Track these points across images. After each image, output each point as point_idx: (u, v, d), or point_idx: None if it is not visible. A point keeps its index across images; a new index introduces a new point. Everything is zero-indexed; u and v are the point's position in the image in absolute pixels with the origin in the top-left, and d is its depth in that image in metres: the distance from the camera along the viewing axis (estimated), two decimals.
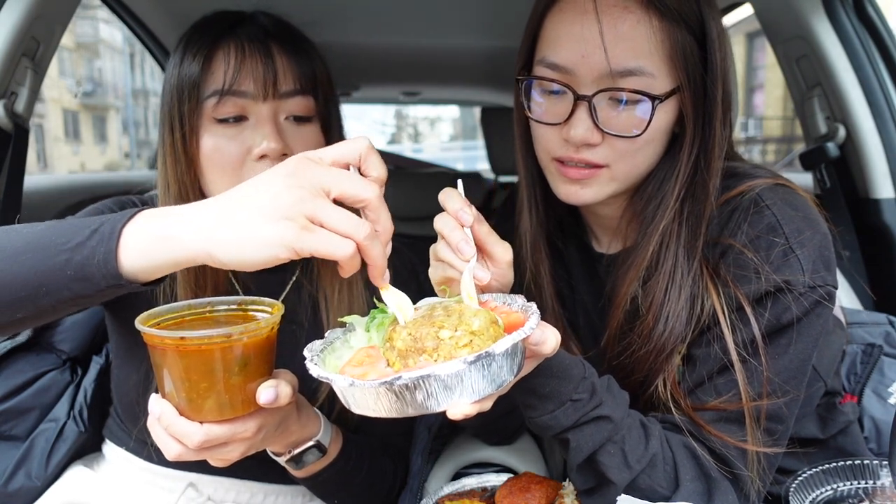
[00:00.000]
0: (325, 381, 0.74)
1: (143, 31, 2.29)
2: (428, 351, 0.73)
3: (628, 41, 0.95)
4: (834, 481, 1.06)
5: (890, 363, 1.39)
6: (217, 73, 1.14)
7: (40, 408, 1.36)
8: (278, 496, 1.30)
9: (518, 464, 1.31)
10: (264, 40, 1.16)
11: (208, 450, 0.89)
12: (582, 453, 0.94)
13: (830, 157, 1.84)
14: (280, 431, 1.00)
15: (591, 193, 1.04)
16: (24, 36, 1.48)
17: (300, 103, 1.18)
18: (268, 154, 1.13)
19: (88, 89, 29.71)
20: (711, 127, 1.00)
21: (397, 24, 2.21)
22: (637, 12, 0.96)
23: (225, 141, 1.15)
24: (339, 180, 0.74)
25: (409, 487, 1.28)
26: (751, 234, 0.99)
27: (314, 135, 1.21)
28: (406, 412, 0.72)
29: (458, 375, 0.70)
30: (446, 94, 4.29)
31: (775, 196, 1.01)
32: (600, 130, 0.99)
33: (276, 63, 1.15)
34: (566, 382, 0.92)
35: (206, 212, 0.76)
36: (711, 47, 0.98)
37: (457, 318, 0.76)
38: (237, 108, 1.15)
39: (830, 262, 0.99)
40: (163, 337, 0.83)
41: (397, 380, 0.68)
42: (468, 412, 0.73)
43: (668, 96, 0.98)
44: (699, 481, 0.97)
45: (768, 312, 0.96)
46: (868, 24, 1.79)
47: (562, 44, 0.99)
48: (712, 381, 0.99)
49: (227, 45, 1.15)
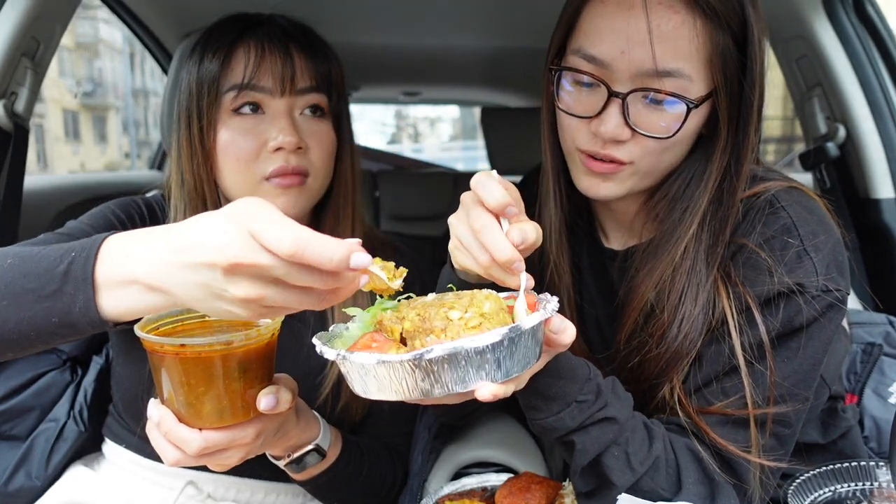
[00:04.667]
0: (345, 362, 0.70)
1: (142, 31, 2.29)
2: (436, 331, 0.70)
3: (671, 41, 0.93)
4: (833, 483, 1.06)
5: (890, 363, 1.39)
6: (237, 69, 1.18)
7: (40, 408, 1.36)
8: (278, 494, 1.30)
9: (518, 464, 1.31)
10: (283, 39, 1.20)
11: (207, 456, 0.89)
12: (587, 455, 0.93)
13: (830, 157, 1.84)
14: (279, 436, 1.00)
15: (612, 188, 1.03)
16: (24, 36, 1.48)
17: (315, 100, 1.23)
18: (283, 147, 1.16)
19: (88, 89, 29.71)
20: (746, 133, 0.99)
21: (397, 24, 2.21)
22: (682, 12, 0.93)
23: (241, 133, 1.18)
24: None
25: (409, 487, 1.28)
26: (765, 235, 0.98)
27: (328, 131, 1.25)
28: (433, 393, 0.69)
29: (489, 350, 0.68)
30: (446, 94, 4.29)
31: (791, 198, 1.00)
32: (630, 128, 0.97)
33: (295, 61, 1.20)
34: (572, 383, 0.91)
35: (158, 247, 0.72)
36: (752, 51, 0.96)
37: (467, 300, 0.74)
38: (256, 101, 1.19)
39: (843, 266, 0.98)
40: (162, 343, 0.83)
41: (428, 352, 0.65)
42: (497, 392, 0.70)
43: (703, 101, 0.97)
44: (702, 485, 0.96)
45: (780, 314, 0.95)
46: (868, 24, 1.79)
47: (602, 37, 0.97)
48: (719, 381, 0.98)
49: (247, 44, 1.19)
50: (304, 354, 1.23)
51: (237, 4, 1.29)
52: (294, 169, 1.17)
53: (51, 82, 23.84)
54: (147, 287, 0.72)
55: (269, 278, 0.65)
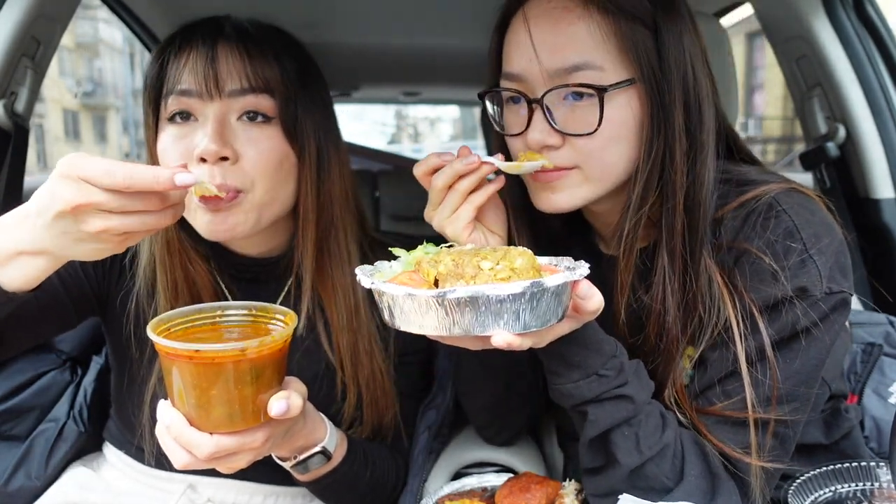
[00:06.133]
0: (378, 291, 0.77)
1: (142, 32, 2.29)
2: (466, 277, 0.75)
3: (570, 37, 0.96)
4: (833, 483, 1.06)
5: (890, 363, 1.39)
6: (169, 73, 1.14)
7: (40, 408, 1.37)
8: (279, 497, 1.30)
9: (518, 464, 1.31)
10: (210, 38, 1.13)
11: (217, 459, 0.89)
12: (597, 428, 0.95)
13: (830, 157, 1.83)
14: (287, 438, 1.00)
15: (565, 198, 1.03)
16: (25, 36, 1.48)
17: (252, 103, 1.12)
18: (205, 157, 1.07)
19: (88, 89, 29.70)
20: (670, 121, 0.97)
21: (397, 24, 2.21)
22: (576, 10, 0.97)
23: (172, 141, 1.13)
24: None
25: (409, 487, 1.28)
26: (767, 239, 0.97)
27: (271, 138, 1.14)
28: (452, 331, 0.74)
29: (509, 300, 0.72)
30: (446, 94, 4.29)
31: (791, 200, 0.99)
32: (558, 132, 0.99)
33: (220, 61, 1.11)
34: (596, 356, 0.93)
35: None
36: (662, 38, 0.97)
37: (501, 254, 0.78)
38: (184, 106, 1.12)
39: (847, 268, 0.98)
40: (175, 348, 0.83)
41: (451, 292, 0.71)
42: (512, 342, 0.75)
43: (617, 87, 0.97)
44: (704, 478, 0.96)
45: (784, 318, 0.95)
46: (868, 24, 1.79)
47: (513, 54, 1.02)
48: (721, 384, 0.98)
49: (175, 46, 1.15)
50: (294, 366, 1.20)
51: (237, 4, 1.29)
52: (218, 187, 1.05)
53: (51, 82, 23.83)
54: (31, 254, 0.86)
55: (109, 211, 0.78)
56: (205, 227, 1.12)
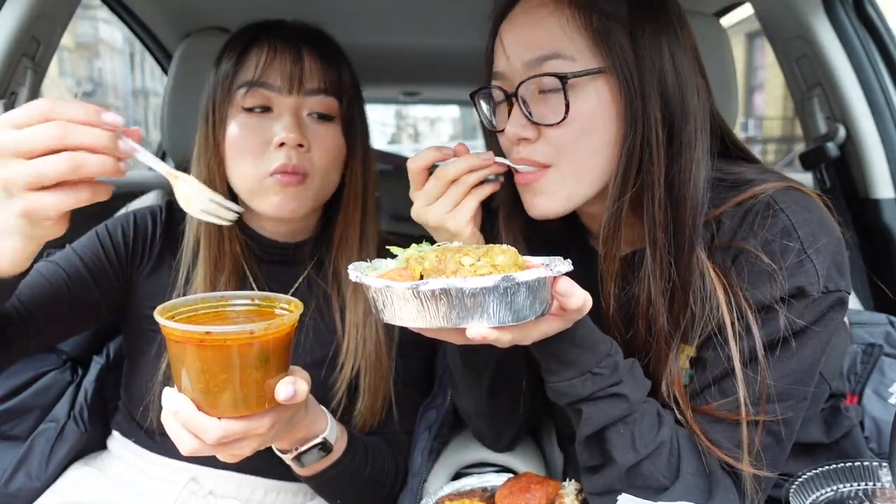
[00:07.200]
0: (361, 284, 0.80)
1: (142, 32, 2.29)
2: (447, 273, 0.77)
3: (542, 30, 0.99)
4: (834, 483, 1.06)
5: (890, 363, 1.39)
6: (249, 67, 1.24)
7: (40, 408, 1.37)
8: (279, 493, 1.30)
9: (518, 464, 1.31)
10: (295, 41, 1.25)
11: (223, 445, 0.89)
12: (592, 426, 0.95)
13: (830, 157, 1.84)
14: (289, 428, 1.01)
15: (546, 201, 1.03)
16: (25, 36, 1.48)
17: (323, 102, 1.26)
18: (286, 142, 1.19)
19: (88, 89, 29.71)
20: (647, 114, 0.97)
21: (397, 24, 2.22)
22: (550, 6, 0.99)
23: (248, 129, 1.23)
24: None
25: (409, 487, 1.28)
26: (764, 238, 0.97)
27: (334, 135, 1.28)
28: (431, 323, 0.77)
29: (481, 293, 0.74)
30: (446, 94, 4.29)
31: (788, 199, 0.99)
32: (534, 124, 1.00)
33: (304, 62, 1.24)
34: (590, 354, 0.93)
35: None
36: (636, 32, 0.97)
37: (483, 251, 0.80)
38: (263, 99, 1.23)
39: (844, 267, 0.97)
40: (184, 331, 0.83)
41: (424, 285, 0.74)
42: (486, 335, 0.76)
43: (583, 75, 0.97)
44: (701, 477, 0.96)
45: (781, 317, 0.94)
46: (868, 24, 1.79)
47: (496, 53, 1.06)
48: (718, 384, 0.98)
49: (260, 44, 1.25)
50: (301, 351, 1.25)
51: (237, 4, 1.29)
52: (294, 168, 1.20)
53: (51, 82, 23.82)
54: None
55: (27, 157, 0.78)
56: (276, 204, 1.23)
